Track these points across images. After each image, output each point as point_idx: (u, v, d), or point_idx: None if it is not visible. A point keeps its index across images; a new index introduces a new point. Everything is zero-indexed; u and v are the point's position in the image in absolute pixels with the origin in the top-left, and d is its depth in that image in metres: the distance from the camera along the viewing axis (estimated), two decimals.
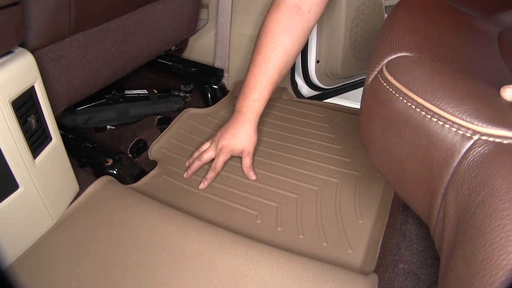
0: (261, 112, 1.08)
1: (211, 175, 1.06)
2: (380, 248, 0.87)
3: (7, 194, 0.75)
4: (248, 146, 1.08)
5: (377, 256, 0.85)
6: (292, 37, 1.03)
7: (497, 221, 0.37)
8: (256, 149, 1.12)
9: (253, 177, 1.07)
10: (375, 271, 0.81)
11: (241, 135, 1.07)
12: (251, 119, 1.07)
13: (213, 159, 1.09)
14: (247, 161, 1.08)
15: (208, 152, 1.09)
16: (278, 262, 0.79)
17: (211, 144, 1.11)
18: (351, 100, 1.61)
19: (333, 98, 1.63)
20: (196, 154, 1.12)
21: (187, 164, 1.13)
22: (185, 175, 1.09)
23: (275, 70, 1.04)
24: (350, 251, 0.87)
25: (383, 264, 0.81)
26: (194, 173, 1.09)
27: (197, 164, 1.09)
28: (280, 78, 1.07)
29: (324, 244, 0.89)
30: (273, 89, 1.07)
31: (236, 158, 1.12)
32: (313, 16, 1.04)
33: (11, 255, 0.81)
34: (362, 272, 0.82)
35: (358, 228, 0.93)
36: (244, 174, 1.08)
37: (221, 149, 1.07)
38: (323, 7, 1.05)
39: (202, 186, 1.05)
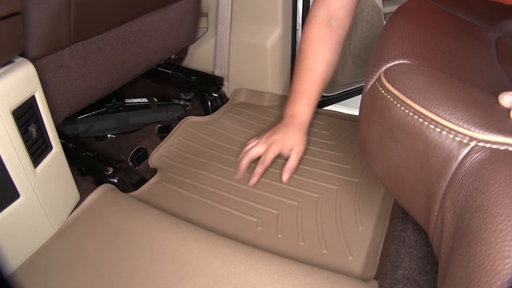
0: (311, 117, 1.11)
1: (259, 169, 1.06)
2: (380, 254, 0.87)
3: (8, 203, 0.76)
4: (300, 144, 1.09)
5: (377, 263, 0.85)
6: (329, 48, 1.08)
7: (493, 227, 0.37)
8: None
9: (285, 179, 1.07)
10: (375, 278, 0.81)
11: (293, 133, 1.08)
12: (303, 122, 1.10)
13: (258, 159, 1.08)
14: (294, 159, 1.08)
15: (256, 147, 1.09)
16: (278, 269, 0.79)
17: (259, 140, 1.11)
18: (351, 107, 1.61)
19: (333, 105, 1.64)
20: (243, 153, 1.12)
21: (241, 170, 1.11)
22: (236, 178, 1.09)
23: (319, 78, 1.08)
24: (350, 258, 0.88)
25: (382, 271, 0.81)
26: (245, 171, 1.09)
27: (245, 161, 1.08)
28: (324, 86, 1.11)
29: (325, 251, 0.89)
30: (319, 95, 1.11)
31: (236, 165, 1.12)
32: (343, 29, 1.09)
33: (13, 264, 0.82)
34: (363, 278, 0.82)
35: (358, 235, 0.93)
36: (283, 170, 1.08)
37: (272, 143, 1.07)
38: (351, 20, 1.10)
39: (251, 182, 1.06)
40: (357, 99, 1.63)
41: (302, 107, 1.10)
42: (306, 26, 1.10)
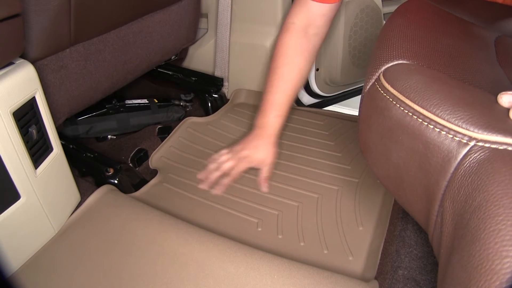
0: (281, 127, 1.13)
1: (227, 181, 1.08)
2: (380, 254, 0.87)
3: (9, 204, 0.76)
4: (268, 157, 1.11)
5: (377, 263, 0.85)
6: (303, 57, 1.10)
7: (492, 226, 0.37)
8: None
9: (265, 189, 1.07)
10: (375, 278, 0.81)
11: (262, 147, 1.11)
12: (272, 133, 1.12)
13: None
14: (265, 171, 1.10)
15: (229, 162, 1.10)
16: (279, 269, 0.79)
17: (230, 155, 1.12)
18: (351, 108, 1.61)
19: (333, 105, 1.64)
20: (213, 166, 1.12)
21: (200, 177, 1.12)
22: (202, 187, 1.08)
23: (291, 87, 1.10)
24: (350, 258, 0.88)
25: (383, 271, 0.81)
26: (213, 184, 1.09)
27: (217, 174, 1.09)
28: (295, 95, 1.13)
29: (325, 251, 0.89)
30: (290, 106, 1.13)
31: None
32: (319, 38, 1.11)
33: (14, 265, 0.82)
34: (363, 279, 0.82)
35: (358, 235, 0.93)
36: (258, 183, 1.09)
37: (242, 159, 1.10)
38: (327, 30, 1.12)
39: (216, 191, 1.06)
40: (357, 99, 1.63)
41: (273, 118, 1.11)
42: (283, 32, 1.11)
